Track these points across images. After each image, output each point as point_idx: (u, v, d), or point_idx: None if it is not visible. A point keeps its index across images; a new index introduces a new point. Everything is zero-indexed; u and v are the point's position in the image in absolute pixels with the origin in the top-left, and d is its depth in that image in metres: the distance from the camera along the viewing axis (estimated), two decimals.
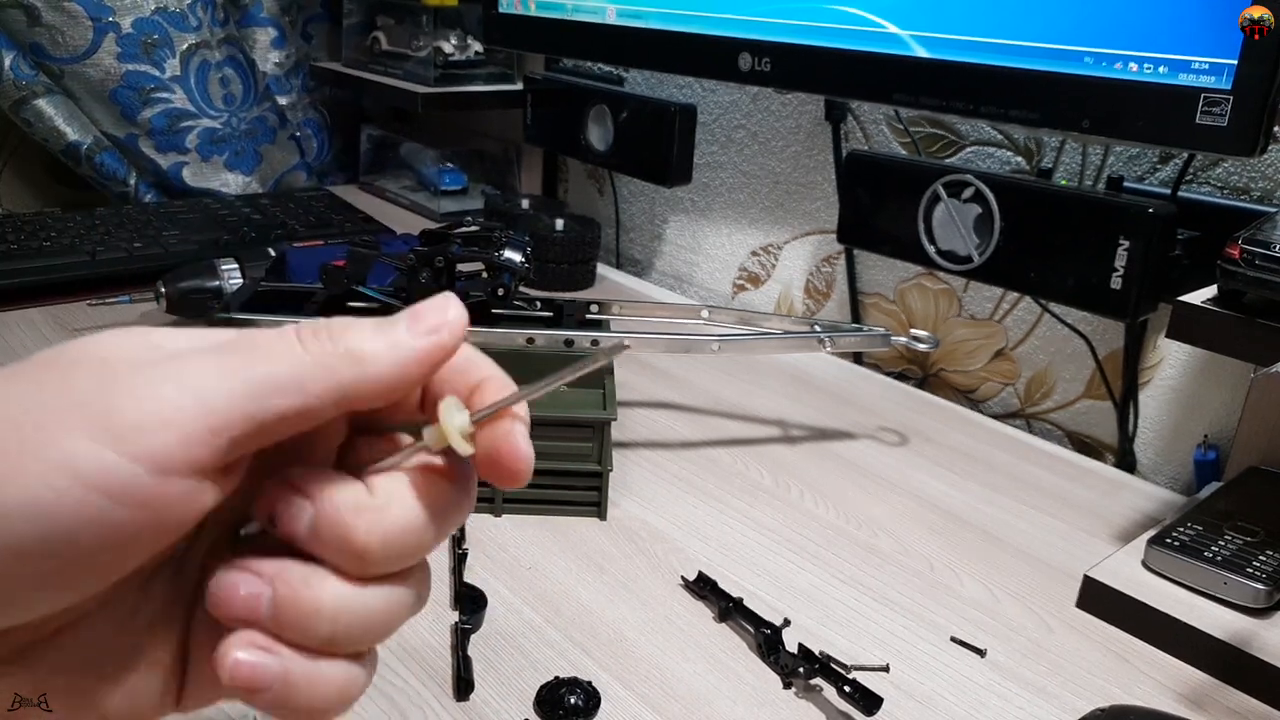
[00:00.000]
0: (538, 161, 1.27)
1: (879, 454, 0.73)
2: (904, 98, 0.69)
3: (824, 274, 0.99)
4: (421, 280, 0.64)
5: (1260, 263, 0.51)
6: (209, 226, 1.03)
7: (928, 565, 0.59)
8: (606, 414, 0.60)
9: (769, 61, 0.77)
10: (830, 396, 0.82)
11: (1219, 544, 0.55)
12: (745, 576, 0.57)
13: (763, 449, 0.72)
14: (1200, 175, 0.71)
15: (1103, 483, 0.71)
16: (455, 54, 1.16)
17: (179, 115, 1.15)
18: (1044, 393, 0.83)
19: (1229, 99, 0.54)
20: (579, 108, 1.04)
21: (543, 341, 0.65)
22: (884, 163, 0.79)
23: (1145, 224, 0.63)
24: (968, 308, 0.88)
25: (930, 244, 0.74)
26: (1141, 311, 0.66)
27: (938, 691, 0.49)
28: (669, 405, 0.78)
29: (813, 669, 0.47)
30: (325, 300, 0.67)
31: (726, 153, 1.05)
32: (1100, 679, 0.51)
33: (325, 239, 1.03)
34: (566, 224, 1.04)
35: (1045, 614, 0.56)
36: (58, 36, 1.06)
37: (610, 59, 1.03)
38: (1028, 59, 0.63)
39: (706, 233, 1.10)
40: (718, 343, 0.67)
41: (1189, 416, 0.74)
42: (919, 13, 0.68)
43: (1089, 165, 0.77)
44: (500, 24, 1.02)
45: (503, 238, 0.65)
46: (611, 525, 0.61)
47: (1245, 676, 0.50)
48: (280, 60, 1.27)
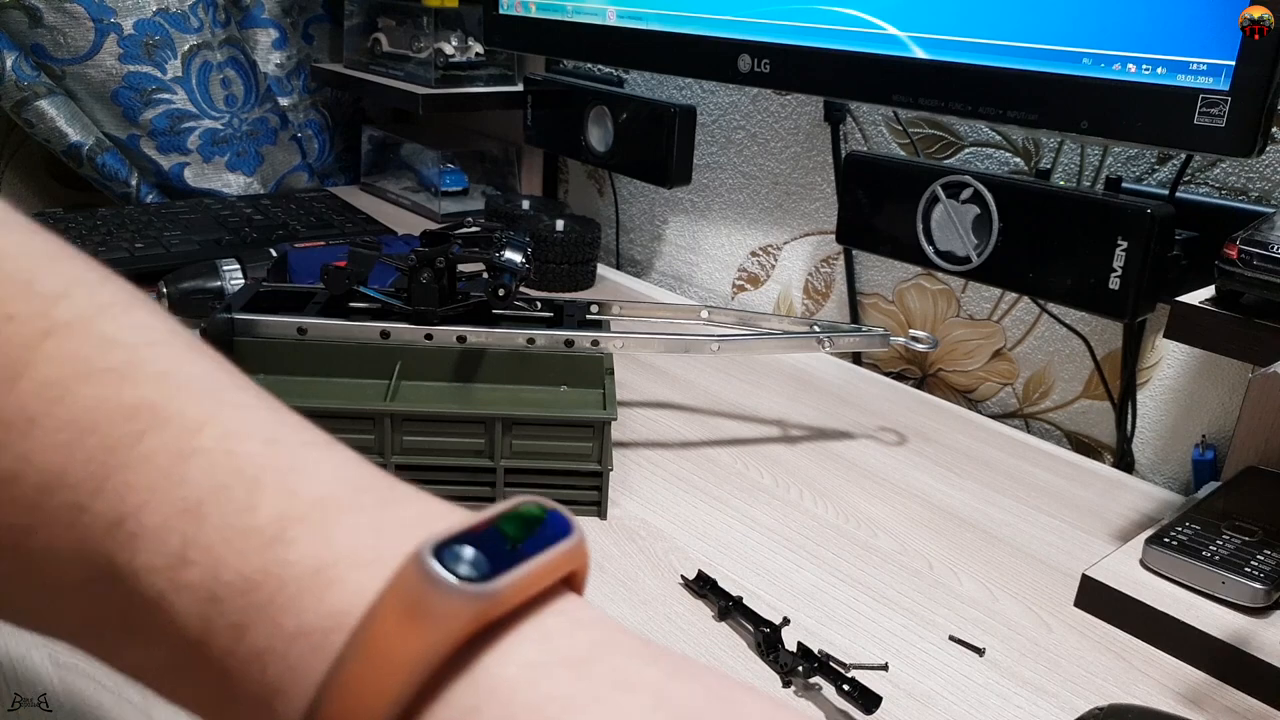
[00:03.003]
0: (538, 162, 1.27)
1: (878, 454, 0.73)
2: (903, 99, 0.70)
3: (823, 274, 0.99)
4: (422, 281, 0.64)
5: (1258, 263, 0.51)
6: (210, 227, 1.03)
7: (926, 564, 0.60)
8: (606, 414, 0.60)
9: (768, 63, 0.78)
10: (829, 396, 0.82)
11: (1217, 543, 0.55)
12: (745, 575, 0.57)
13: (762, 449, 0.72)
14: (1198, 176, 0.71)
15: (1101, 482, 0.71)
16: (456, 55, 1.16)
17: (180, 116, 1.15)
18: (1042, 393, 0.84)
19: (1227, 99, 0.54)
20: (579, 109, 1.04)
21: (543, 342, 0.65)
22: (883, 163, 0.79)
23: (1143, 224, 0.63)
24: (966, 308, 0.88)
25: (929, 244, 0.75)
26: (1140, 312, 0.66)
27: (936, 690, 0.49)
28: (669, 405, 0.79)
29: (812, 668, 0.48)
30: (326, 301, 0.67)
31: (726, 154, 1.05)
32: (1098, 678, 0.51)
33: (326, 239, 1.03)
34: (567, 225, 1.04)
35: (1044, 613, 0.56)
36: (59, 37, 1.06)
37: (610, 60, 1.03)
38: (1026, 60, 0.63)
39: (706, 233, 1.10)
40: (717, 343, 0.67)
41: (1187, 416, 0.75)
42: (918, 14, 0.68)
43: (1087, 166, 0.78)
44: (501, 25, 1.02)
45: (503, 238, 0.65)
46: (611, 524, 0.61)
47: (1243, 675, 0.50)
48: (282, 61, 1.27)
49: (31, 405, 0.22)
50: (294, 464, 0.22)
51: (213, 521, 0.21)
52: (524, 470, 0.60)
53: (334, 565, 0.20)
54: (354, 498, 0.22)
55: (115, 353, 0.23)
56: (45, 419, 0.22)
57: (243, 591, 0.20)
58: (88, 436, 0.21)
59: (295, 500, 0.21)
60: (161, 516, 0.21)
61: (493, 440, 0.59)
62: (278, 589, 0.20)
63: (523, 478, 0.61)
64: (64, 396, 0.22)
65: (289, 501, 0.21)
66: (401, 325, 0.65)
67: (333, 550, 0.20)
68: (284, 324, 0.64)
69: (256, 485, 0.21)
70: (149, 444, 0.21)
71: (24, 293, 0.23)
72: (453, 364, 0.65)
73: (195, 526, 0.21)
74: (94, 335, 0.23)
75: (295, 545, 0.20)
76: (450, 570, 0.19)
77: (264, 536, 0.20)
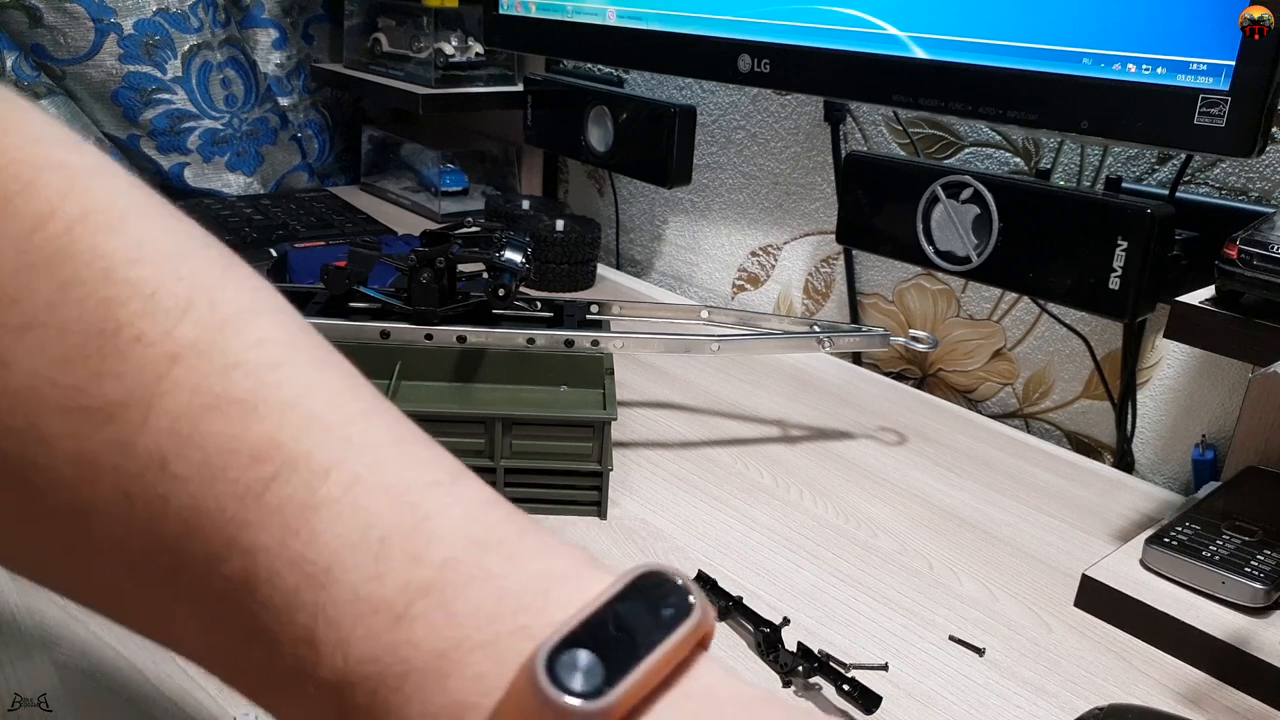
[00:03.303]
0: (538, 162, 1.27)
1: (878, 454, 0.73)
2: (903, 99, 0.70)
3: (823, 274, 0.99)
4: (422, 281, 0.64)
5: (1258, 263, 0.51)
6: (210, 227, 1.01)
7: (926, 564, 0.60)
8: (606, 414, 0.60)
9: (768, 63, 0.78)
10: (829, 396, 0.82)
11: (1217, 543, 0.55)
12: (744, 575, 0.57)
13: (762, 449, 0.72)
14: (1198, 176, 0.71)
15: (1101, 482, 0.71)
16: (456, 55, 1.16)
17: (180, 116, 1.15)
18: (1042, 392, 0.84)
19: (1227, 100, 0.54)
20: (579, 109, 1.04)
21: (543, 342, 0.65)
22: (883, 164, 0.79)
23: (1143, 224, 0.63)
24: (966, 308, 0.88)
25: (929, 244, 0.75)
26: (1140, 312, 0.66)
27: (936, 690, 0.49)
28: (669, 405, 0.79)
29: (812, 667, 0.48)
30: (326, 301, 0.67)
31: (726, 154, 1.05)
32: (1098, 678, 0.51)
33: (326, 239, 1.03)
34: (567, 225, 1.04)
35: (1044, 613, 0.56)
36: (59, 37, 1.06)
37: (610, 60, 1.03)
38: (1026, 60, 0.63)
39: (706, 233, 1.10)
40: (717, 343, 0.67)
41: (1187, 416, 0.75)
42: (918, 14, 0.68)
43: (1087, 166, 0.78)
44: (501, 25, 1.02)
45: (503, 238, 0.65)
46: (611, 524, 0.61)
47: (1243, 675, 0.50)
48: (282, 61, 1.27)
49: (165, 443, 0.22)
50: (419, 518, 0.22)
51: (341, 592, 0.21)
52: (524, 470, 0.60)
53: (456, 648, 0.21)
54: (478, 560, 0.22)
55: (241, 380, 0.23)
56: (177, 461, 0.22)
57: (369, 676, 0.21)
58: (217, 482, 0.22)
59: (420, 568, 0.21)
60: (292, 584, 0.21)
61: (493, 440, 0.59)
62: (404, 676, 0.21)
63: (523, 478, 0.61)
64: (193, 435, 0.22)
65: (414, 570, 0.21)
66: (401, 325, 0.65)
67: (455, 628, 0.21)
68: None
69: (383, 548, 0.22)
70: (277, 493, 0.22)
71: (150, 309, 0.23)
72: (453, 364, 0.65)
73: (325, 596, 0.21)
74: (218, 359, 0.23)
75: (420, 622, 0.21)
76: (564, 685, 0.19)
77: (391, 613, 0.21)
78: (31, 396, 0.22)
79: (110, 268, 0.23)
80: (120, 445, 0.22)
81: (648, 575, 0.22)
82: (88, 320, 0.22)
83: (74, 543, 0.23)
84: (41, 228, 0.23)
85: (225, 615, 0.22)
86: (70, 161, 0.24)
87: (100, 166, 0.25)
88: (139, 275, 0.23)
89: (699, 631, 0.21)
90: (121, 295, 0.23)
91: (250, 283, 0.25)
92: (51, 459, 0.22)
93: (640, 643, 0.20)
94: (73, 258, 0.23)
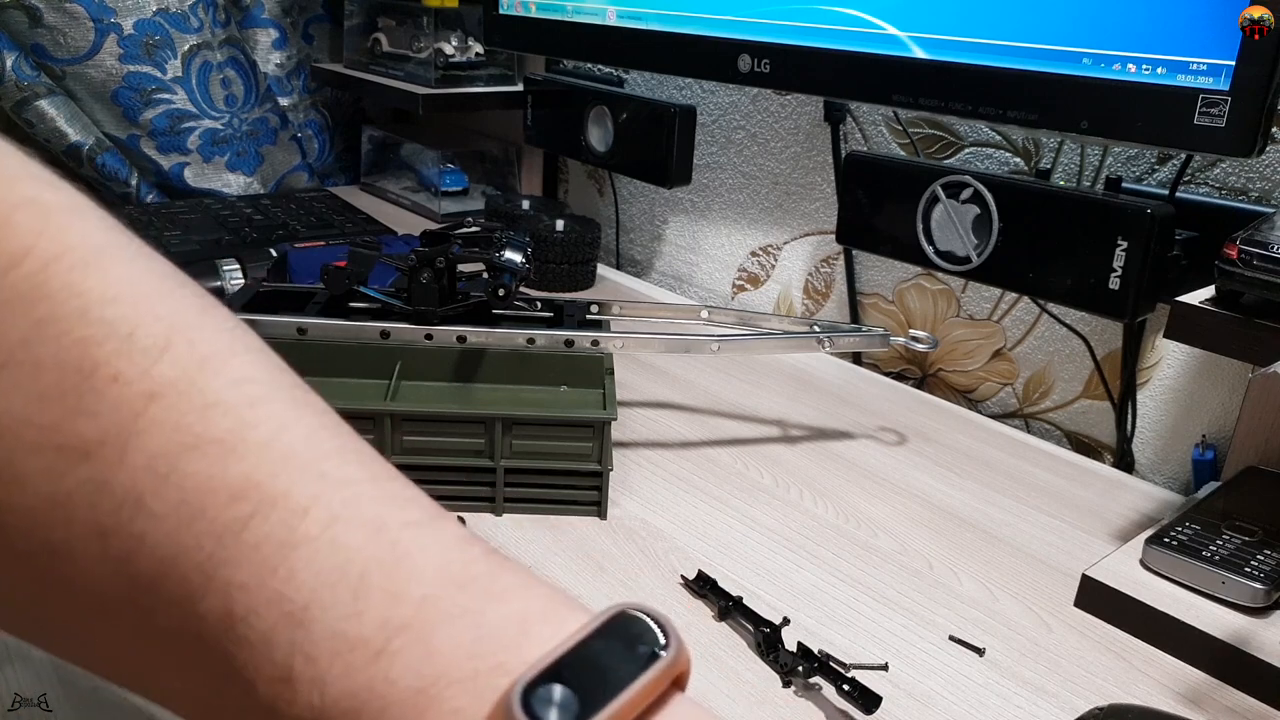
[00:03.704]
0: (538, 162, 1.27)
1: (878, 454, 0.73)
2: (903, 99, 0.70)
3: (823, 274, 0.99)
4: (422, 281, 0.64)
5: (1258, 263, 0.51)
6: (210, 227, 1.03)
7: (926, 564, 0.60)
8: (606, 414, 0.60)
9: (768, 63, 0.78)
10: (829, 396, 0.82)
11: (1217, 543, 0.55)
12: (745, 575, 0.57)
13: (762, 449, 0.72)
14: (1198, 176, 0.71)
15: (1101, 482, 0.71)
16: (456, 55, 1.16)
17: (180, 116, 1.15)
18: (1042, 392, 0.84)
19: (1227, 99, 0.54)
20: (579, 109, 1.04)
21: (543, 342, 0.65)
22: (883, 163, 0.79)
23: (1143, 224, 0.63)
24: (966, 308, 0.88)
25: (929, 244, 0.75)
26: (1140, 312, 0.66)
27: (936, 690, 0.49)
28: (669, 405, 0.79)
29: (812, 667, 0.48)
30: (326, 301, 0.67)
31: (726, 154, 1.05)
32: (1098, 678, 0.51)
33: (326, 239, 1.03)
34: (567, 225, 1.04)
35: (1044, 613, 0.56)
36: (59, 37, 1.06)
37: (610, 60, 1.03)
38: (1026, 60, 0.63)
39: (706, 233, 1.10)
40: (717, 343, 0.67)
41: (1187, 416, 0.75)
42: (918, 14, 0.68)
43: (1087, 166, 0.78)
44: (501, 25, 1.02)
45: (503, 238, 0.65)
46: (611, 524, 0.61)
47: (1243, 675, 0.50)
48: (282, 61, 1.27)
49: (142, 482, 0.22)
50: (398, 555, 0.22)
51: (319, 629, 0.21)
52: (524, 470, 0.60)
53: (434, 684, 0.21)
54: (455, 598, 0.22)
55: (219, 419, 0.23)
56: (154, 500, 0.22)
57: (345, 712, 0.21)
58: (196, 521, 0.22)
59: (399, 605, 0.22)
60: (270, 621, 0.21)
61: (493, 440, 0.59)
62: (381, 712, 0.21)
63: (523, 478, 0.61)
64: (170, 474, 0.22)
65: (393, 607, 0.22)
66: (401, 325, 0.65)
67: (433, 664, 0.21)
68: (284, 324, 0.64)
69: (362, 585, 0.22)
70: (255, 531, 0.22)
71: (127, 348, 0.23)
72: (453, 364, 0.65)
73: (303, 634, 0.21)
74: (197, 398, 0.23)
75: (398, 659, 0.21)
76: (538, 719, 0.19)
77: (369, 649, 0.21)
78: (6, 435, 0.22)
79: (86, 306, 0.23)
80: (97, 484, 0.22)
81: (623, 614, 0.22)
82: (64, 359, 0.22)
83: (46, 585, 0.22)
84: (16, 266, 0.22)
85: (201, 654, 0.22)
86: (47, 200, 0.24)
87: (77, 205, 0.25)
88: (116, 314, 0.23)
89: (673, 670, 0.21)
90: (98, 334, 0.22)
91: (228, 323, 0.25)
92: (25, 499, 0.22)
93: (614, 680, 0.20)
94: (49, 296, 0.22)
